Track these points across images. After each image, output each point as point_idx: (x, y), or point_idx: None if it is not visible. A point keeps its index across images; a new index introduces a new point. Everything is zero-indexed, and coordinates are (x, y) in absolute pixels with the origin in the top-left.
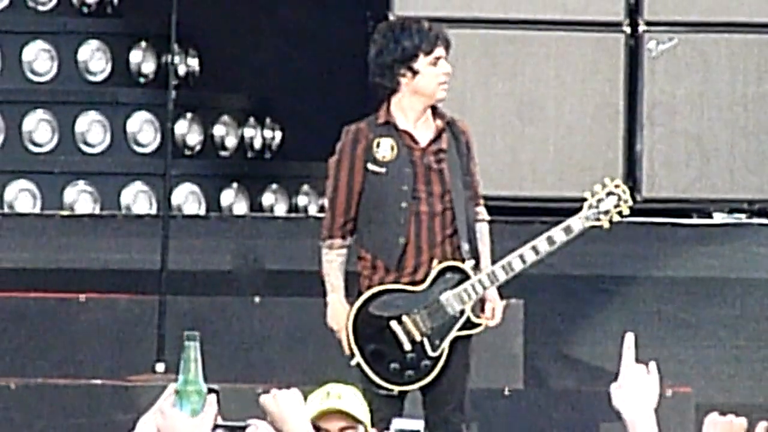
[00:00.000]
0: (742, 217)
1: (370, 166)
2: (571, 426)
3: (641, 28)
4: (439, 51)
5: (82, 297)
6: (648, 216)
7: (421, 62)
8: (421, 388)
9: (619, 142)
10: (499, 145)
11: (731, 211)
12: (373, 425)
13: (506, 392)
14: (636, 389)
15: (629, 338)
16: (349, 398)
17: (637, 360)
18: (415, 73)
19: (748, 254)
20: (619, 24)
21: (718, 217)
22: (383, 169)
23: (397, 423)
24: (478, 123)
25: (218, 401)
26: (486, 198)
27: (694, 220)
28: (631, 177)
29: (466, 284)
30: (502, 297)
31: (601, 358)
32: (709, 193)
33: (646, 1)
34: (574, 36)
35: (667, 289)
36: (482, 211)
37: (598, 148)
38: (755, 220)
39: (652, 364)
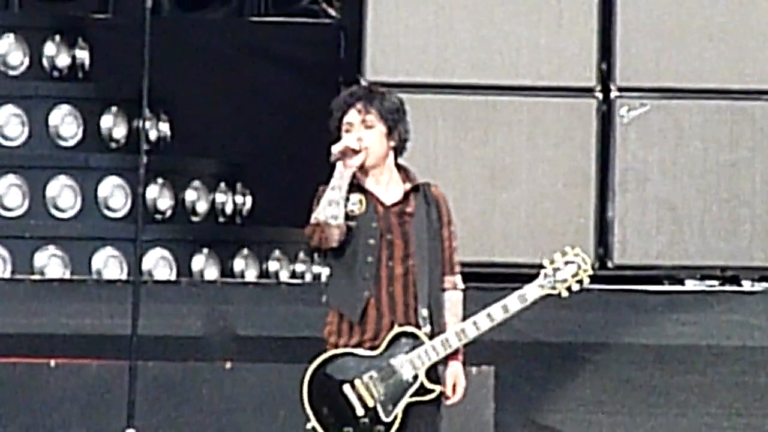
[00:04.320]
0: (714, 284)
1: None
2: None
3: (613, 93)
4: (350, 116)
5: (53, 362)
6: (620, 283)
7: (342, 131)
8: None
9: (590, 208)
10: (471, 211)
11: (703, 278)
12: None
13: None
14: None
15: None
16: None
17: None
18: None
19: (719, 321)
20: (591, 89)
21: (690, 284)
22: (353, 222)
23: None
24: (450, 188)
25: None
26: None
27: (666, 287)
28: (603, 243)
29: (420, 350)
30: (473, 363)
31: (572, 425)
32: (680, 259)
33: (618, 66)
34: (546, 101)
35: (639, 357)
36: (455, 280)
37: (570, 214)
38: (727, 288)
39: None
